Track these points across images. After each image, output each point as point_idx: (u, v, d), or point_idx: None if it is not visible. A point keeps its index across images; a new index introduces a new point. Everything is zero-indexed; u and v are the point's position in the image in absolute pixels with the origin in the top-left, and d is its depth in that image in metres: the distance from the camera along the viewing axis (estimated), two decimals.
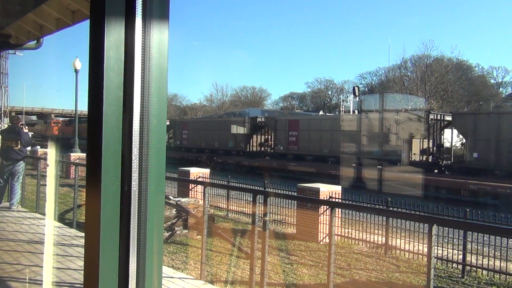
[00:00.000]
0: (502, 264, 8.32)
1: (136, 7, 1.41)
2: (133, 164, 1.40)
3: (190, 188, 13.42)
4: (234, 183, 14.69)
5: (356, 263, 8.92)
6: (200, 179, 13.83)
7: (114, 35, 1.39)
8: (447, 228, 9.20)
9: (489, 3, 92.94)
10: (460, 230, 8.87)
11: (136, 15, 1.41)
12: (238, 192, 13.39)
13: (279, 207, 12.21)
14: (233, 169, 30.10)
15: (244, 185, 13.90)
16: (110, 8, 1.38)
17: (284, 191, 12.37)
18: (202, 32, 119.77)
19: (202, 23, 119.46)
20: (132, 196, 1.40)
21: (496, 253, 8.55)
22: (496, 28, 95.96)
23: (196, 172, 14.73)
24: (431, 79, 53.78)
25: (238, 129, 33.53)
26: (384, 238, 9.85)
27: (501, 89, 75.61)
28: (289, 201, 11.98)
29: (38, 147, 24.31)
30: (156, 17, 1.46)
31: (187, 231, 10.04)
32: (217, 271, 7.70)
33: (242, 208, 13.25)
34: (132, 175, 1.41)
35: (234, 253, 8.64)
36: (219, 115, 56.32)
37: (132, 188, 1.40)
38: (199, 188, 12.42)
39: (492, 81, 75.91)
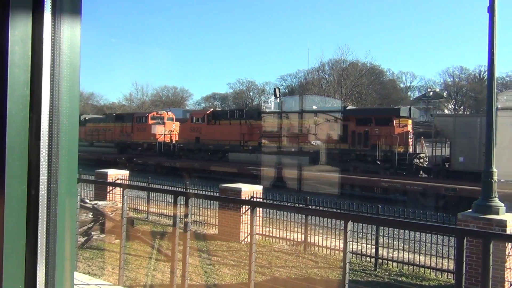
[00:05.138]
0: (410, 256, 8.93)
1: None
2: (41, 167, 1.32)
3: (108, 190, 12.92)
4: (155, 185, 14.36)
5: (276, 261, 9.11)
6: (118, 181, 13.37)
7: (19, 29, 1.30)
8: (361, 224, 9.71)
9: (399, 12, 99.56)
10: (373, 226, 9.39)
11: (45, 8, 1.33)
12: (159, 193, 13.14)
13: (201, 208, 12.13)
14: (154, 170, 29.40)
15: (165, 186, 13.66)
16: (15, 0, 1.28)
17: (206, 192, 12.32)
18: (121, 29, 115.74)
19: (120, 19, 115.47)
20: (40, 200, 1.32)
21: (405, 246, 9.16)
22: (404, 35, 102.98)
23: (114, 174, 14.20)
24: (347, 82, 56.49)
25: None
26: (303, 236, 10.16)
27: (409, 92, 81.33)
28: (211, 201, 11.96)
29: None
30: (67, 11, 1.39)
31: (104, 235, 9.65)
32: (137, 275, 7.48)
33: (163, 210, 13.00)
34: (40, 178, 1.32)
35: (154, 256, 8.45)
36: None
37: (40, 192, 1.32)
38: (118, 190, 11.99)
39: (402, 85, 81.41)
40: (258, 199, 10.82)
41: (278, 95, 33.60)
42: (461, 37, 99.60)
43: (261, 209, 10.48)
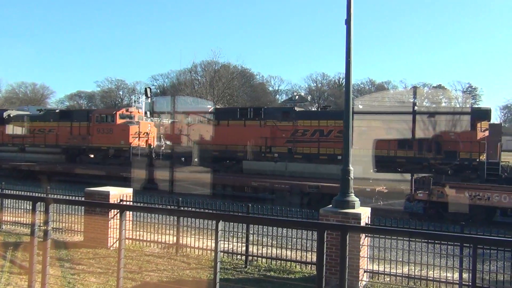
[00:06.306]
0: (278, 251, 9.38)
1: None
2: None
3: None
4: (9, 191, 12.97)
5: (147, 265, 8.87)
6: None
7: None
8: (233, 223, 9.92)
9: (269, 19, 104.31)
10: (243, 224, 9.65)
11: None
12: (14, 200, 11.94)
13: (64, 214, 11.30)
14: (9, 175, 26.55)
15: (22, 192, 12.44)
16: None
17: (71, 197, 11.49)
18: None
19: None
20: None
21: (273, 242, 9.59)
22: (273, 41, 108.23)
23: None
24: (219, 84, 57.50)
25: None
26: (175, 238, 10.04)
27: (277, 96, 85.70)
28: (77, 207, 11.22)
29: None
30: None
31: None
32: None
33: (19, 218, 11.82)
34: None
35: (7, 269, 7.62)
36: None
37: None
38: None
39: (270, 88, 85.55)
40: (128, 203, 10.42)
41: (149, 95, 32.88)
42: (323, 45, 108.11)
43: (131, 212, 10.10)
